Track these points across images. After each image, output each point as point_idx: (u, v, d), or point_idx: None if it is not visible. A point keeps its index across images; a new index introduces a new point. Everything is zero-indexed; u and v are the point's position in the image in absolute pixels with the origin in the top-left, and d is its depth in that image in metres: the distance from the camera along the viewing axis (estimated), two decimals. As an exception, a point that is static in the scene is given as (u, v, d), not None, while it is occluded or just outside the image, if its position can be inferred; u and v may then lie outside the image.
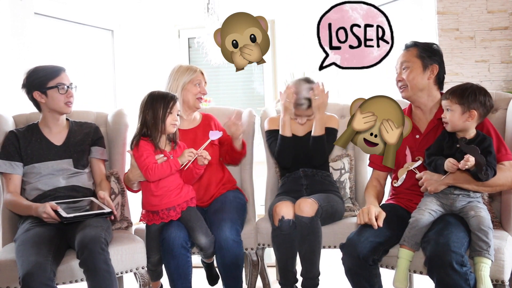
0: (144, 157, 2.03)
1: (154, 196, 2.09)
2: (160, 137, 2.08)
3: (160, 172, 2.02)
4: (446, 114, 1.85)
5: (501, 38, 3.37)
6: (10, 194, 2.09)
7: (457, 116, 1.82)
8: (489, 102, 1.83)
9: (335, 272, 2.53)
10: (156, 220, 2.12)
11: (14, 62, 3.20)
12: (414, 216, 1.86)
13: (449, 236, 1.71)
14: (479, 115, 1.82)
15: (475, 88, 1.83)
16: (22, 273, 1.70)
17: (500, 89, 3.37)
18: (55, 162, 2.15)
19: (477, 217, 1.77)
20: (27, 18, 3.40)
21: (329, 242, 2.22)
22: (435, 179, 1.86)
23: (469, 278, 1.65)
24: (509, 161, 1.86)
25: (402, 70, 2.04)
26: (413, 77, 2.01)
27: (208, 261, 2.38)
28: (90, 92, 4.16)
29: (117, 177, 2.35)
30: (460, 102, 1.81)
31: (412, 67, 2.02)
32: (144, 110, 2.08)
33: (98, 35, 4.31)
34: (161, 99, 2.07)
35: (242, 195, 2.44)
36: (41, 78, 2.13)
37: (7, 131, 2.20)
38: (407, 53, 2.05)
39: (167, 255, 2.08)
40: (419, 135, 2.06)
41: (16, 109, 2.40)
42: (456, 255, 1.65)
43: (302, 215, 2.06)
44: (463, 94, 1.81)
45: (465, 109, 1.80)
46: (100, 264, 1.78)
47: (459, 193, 1.84)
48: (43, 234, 1.90)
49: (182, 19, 4.61)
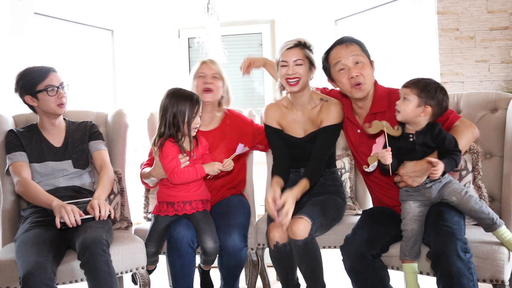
0: (169, 158, 2.03)
1: (172, 188, 2.10)
2: (184, 139, 2.09)
3: (185, 176, 2.03)
4: (401, 102, 1.82)
5: (501, 38, 3.37)
6: (24, 179, 2.04)
7: (412, 107, 1.79)
8: (446, 103, 1.81)
9: (336, 272, 2.54)
10: (170, 211, 2.11)
11: (14, 62, 3.20)
12: (405, 229, 1.84)
13: (447, 223, 1.71)
14: (432, 113, 1.80)
15: (437, 85, 1.81)
16: (23, 273, 1.69)
17: (500, 89, 3.37)
18: (55, 163, 2.15)
19: (462, 202, 1.77)
20: (27, 18, 3.40)
21: (329, 242, 2.21)
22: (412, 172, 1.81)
23: (471, 267, 1.64)
24: (458, 119, 1.91)
25: (355, 65, 1.99)
26: (367, 73, 1.99)
27: (206, 268, 2.38)
28: (90, 92, 4.17)
29: (119, 177, 2.35)
30: (419, 94, 1.78)
31: (363, 62, 1.99)
32: (168, 110, 2.05)
33: (98, 35, 4.31)
34: (186, 101, 2.05)
35: (245, 200, 2.42)
36: (29, 81, 2.11)
37: (6, 130, 2.20)
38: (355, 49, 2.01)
39: (173, 254, 2.06)
40: (360, 130, 2.10)
41: (16, 109, 2.40)
42: (460, 241, 1.65)
43: (296, 238, 1.94)
44: (425, 87, 1.79)
45: (421, 103, 1.78)
46: (101, 266, 1.77)
47: (430, 183, 1.82)
48: (43, 234, 1.90)
49: (182, 19, 4.61)
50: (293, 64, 2.10)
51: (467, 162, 2.09)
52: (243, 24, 4.57)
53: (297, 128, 2.24)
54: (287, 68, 2.11)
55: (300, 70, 2.10)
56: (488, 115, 2.19)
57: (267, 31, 4.56)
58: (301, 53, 2.11)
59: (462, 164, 2.09)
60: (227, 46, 3.66)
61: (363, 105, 2.07)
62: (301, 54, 2.11)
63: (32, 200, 2.04)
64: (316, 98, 2.23)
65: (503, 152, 2.12)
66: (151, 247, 2.14)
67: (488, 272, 1.76)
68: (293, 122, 2.24)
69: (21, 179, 2.06)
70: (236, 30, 4.58)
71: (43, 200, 1.99)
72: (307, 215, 1.99)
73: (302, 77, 2.11)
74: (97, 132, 2.31)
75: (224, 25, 4.00)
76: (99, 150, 2.26)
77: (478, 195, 2.07)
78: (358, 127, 2.11)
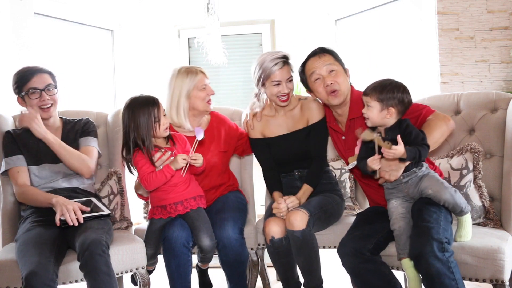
0: (139, 166, 2.02)
1: (161, 191, 2.09)
2: (156, 141, 2.05)
3: (154, 181, 2.01)
4: (366, 110, 1.86)
5: (501, 38, 3.37)
6: (21, 187, 2.05)
7: (376, 113, 1.84)
8: (407, 99, 1.84)
9: (336, 272, 2.54)
10: (164, 214, 2.12)
11: (14, 62, 3.20)
12: (393, 228, 1.85)
13: (424, 223, 1.72)
14: (397, 112, 1.83)
15: (394, 85, 1.83)
16: (25, 273, 1.68)
17: (500, 89, 3.37)
18: (52, 166, 2.13)
19: (434, 192, 1.79)
20: (27, 18, 3.40)
21: (329, 242, 2.21)
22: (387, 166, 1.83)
23: (452, 266, 1.65)
24: (432, 113, 1.93)
25: (329, 74, 2.07)
26: (342, 81, 2.06)
27: (203, 267, 2.38)
28: (90, 92, 4.17)
29: (119, 177, 2.34)
30: (379, 99, 1.82)
31: (337, 70, 2.08)
32: (128, 125, 1.99)
33: (98, 35, 4.31)
34: (143, 108, 1.98)
35: (243, 196, 2.43)
36: (16, 84, 2.11)
37: (3, 132, 2.19)
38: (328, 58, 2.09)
39: (168, 254, 2.08)
40: (344, 136, 2.16)
41: (16, 109, 2.40)
42: (436, 241, 1.66)
43: (293, 229, 1.98)
44: (382, 91, 1.82)
45: (384, 107, 1.82)
46: (100, 267, 1.76)
47: (406, 178, 1.83)
48: (44, 234, 1.89)
49: (182, 19, 4.61)
50: (286, 82, 2.19)
51: (468, 161, 2.09)
52: (243, 24, 4.57)
53: (280, 130, 2.30)
54: (281, 86, 2.18)
55: (291, 85, 2.21)
56: (488, 115, 2.19)
57: (267, 31, 4.56)
58: (289, 68, 2.21)
59: (463, 163, 2.09)
60: (227, 46, 3.65)
61: (342, 112, 2.14)
62: (289, 70, 2.21)
63: (34, 203, 2.05)
64: (294, 99, 2.31)
65: (503, 152, 2.12)
66: (149, 249, 2.14)
67: (488, 272, 1.75)
68: (277, 127, 2.31)
69: (18, 188, 2.06)
70: (236, 30, 4.58)
71: (43, 201, 1.99)
72: (304, 207, 2.05)
73: (291, 91, 2.22)
74: (89, 129, 2.25)
75: (224, 25, 3.99)
76: (87, 146, 2.18)
77: (478, 194, 2.07)
78: (342, 134, 2.17)
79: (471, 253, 1.76)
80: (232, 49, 3.96)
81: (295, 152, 2.27)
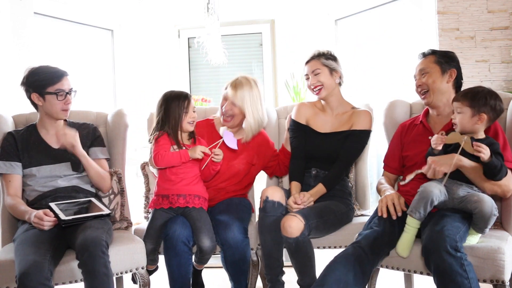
0: (159, 144, 2.12)
1: (168, 181, 2.15)
2: (181, 135, 2.17)
3: (167, 159, 2.09)
4: (457, 116, 1.87)
5: (502, 38, 3.37)
6: (10, 198, 2.08)
7: (467, 119, 1.84)
8: (500, 106, 1.84)
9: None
10: (165, 204, 2.15)
11: (14, 62, 3.20)
12: (424, 187, 1.84)
13: (443, 224, 1.73)
14: (488, 119, 1.84)
15: (486, 92, 1.85)
16: (19, 272, 1.68)
17: (500, 89, 3.37)
18: (53, 166, 2.14)
19: (479, 213, 1.75)
20: (27, 18, 3.40)
21: (330, 243, 2.22)
22: (443, 161, 1.83)
23: (465, 264, 1.65)
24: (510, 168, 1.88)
25: (421, 76, 2.09)
26: (433, 81, 2.06)
27: (199, 267, 2.39)
28: (90, 92, 4.17)
29: (119, 177, 2.34)
30: (471, 105, 1.83)
31: (430, 72, 2.07)
32: (160, 111, 2.16)
33: (98, 35, 4.31)
34: (175, 100, 2.14)
35: (248, 202, 2.43)
36: (41, 81, 2.09)
37: (5, 132, 2.19)
38: (425, 60, 2.11)
39: (169, 252, 2.08)
40: None
41: (16, 109, 2.40)
42: (450, 239, 1.66)
43: (286, 235, 2.00)
44: (474, 97, 1.83)
45: (475, 112, 1.82)
46: (99, 267, 1.76)
47: (464, 185, 1.85)
48: (42, 234, 1.89)
49: (182, 19, 4.61)
50: (313, 75, 2.31)
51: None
52: (243, 24, 4.57)
53: (325, 127, 2.35)
54: (309, 79, 2.34)
55: (320, 78, 2.30)
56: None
57: (267, 31, 4.55)
58: (318, 63, 2.31)
59: None
60: (227, 46, 3.65)
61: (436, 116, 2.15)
62: (318, 64, 2.31)
63: (16, 216, 2.08)
64: (348, 106, 2.38)
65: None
66: (149, 244, 2.14)
67: (488, 272, 1.75)
68: (322, 121, 2.36)
69: (7, 198, 2.09)
70: (236, 30, 4.58)
71: (22, 217, 2.02)
72: (301, 214, 2.03)
73: (324, 83, 2.30)
74: (100, 138, 2.31)
75: (224, 25, 3.99)
76: (99, 160, 2.26)
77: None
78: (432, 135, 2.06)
79: (471, 253, 1.76)
80: (232, 49, 3.97)
81: (324, 150, 2.29)
